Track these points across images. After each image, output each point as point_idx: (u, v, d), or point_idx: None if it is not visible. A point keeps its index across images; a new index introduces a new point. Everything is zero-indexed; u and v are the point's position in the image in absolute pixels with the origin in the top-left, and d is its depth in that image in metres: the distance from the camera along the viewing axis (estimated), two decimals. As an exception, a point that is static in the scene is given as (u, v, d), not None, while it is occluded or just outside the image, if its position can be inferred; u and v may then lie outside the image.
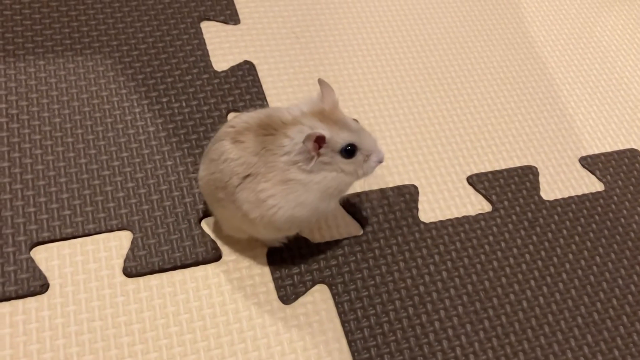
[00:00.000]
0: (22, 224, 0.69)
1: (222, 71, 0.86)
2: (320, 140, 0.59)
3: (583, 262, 0.80)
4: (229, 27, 0.92)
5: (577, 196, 0.86)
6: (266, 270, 0.71)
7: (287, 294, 0.70)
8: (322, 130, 0.60)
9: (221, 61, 0.88)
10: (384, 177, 0.82)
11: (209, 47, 0.88)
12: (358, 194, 0.79)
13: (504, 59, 1.00)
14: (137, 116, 0.80)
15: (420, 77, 0.94)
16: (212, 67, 0.86)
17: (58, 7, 0.87)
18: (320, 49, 0.93)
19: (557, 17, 1.08)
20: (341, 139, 0.61)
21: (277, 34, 0.93)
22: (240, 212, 0.62)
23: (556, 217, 0.84)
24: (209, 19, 0.91)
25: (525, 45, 1.03)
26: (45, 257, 0.68)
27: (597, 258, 0.81)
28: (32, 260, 0.67)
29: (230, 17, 0.92)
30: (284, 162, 0.60)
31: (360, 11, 1.00)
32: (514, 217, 0.82)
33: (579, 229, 0.83)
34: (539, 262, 0.79)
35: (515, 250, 0.79)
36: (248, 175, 0.61)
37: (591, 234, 0.83)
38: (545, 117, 0.94)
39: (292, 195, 0.61)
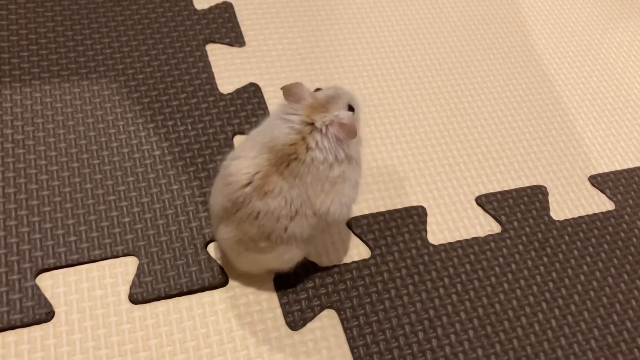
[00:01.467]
0: (27, 250, 0.68)
1: (228, 93, 0.86)
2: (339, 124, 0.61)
3: (595, 284, 0.79)
4: (235, 50, 0.91)
5: (588, 216, 0.85)
6: (273, 295, 0.70)
7: (295, 320, 0.69)
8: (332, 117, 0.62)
9: (227, 83, 0.87)
10: (392, 198, 0.81)
11: (214, 70, 0.88)
12: (366, 216, 0.78)
13: (510, 77, 0.99)
14: (143, 140, 0.79)
15: (426, 97, 0.93)
16: (217, 89, 0.86)
17: (64, 32, 0.88)
18: (326, 70, 0.93)
19: (564, 35, 1.08)
20: (343, 108, 0.64)
21: (282, 56, 0.93)
22: (289, 248, 0.63)
23: (567, 238, 0.83)
24: (214, 42, 0.91)
25: (531, 63, 1.02)
26: (51, 284, 0.67)
27: (610, 279, 0.79)
28: (38, 288, 0.66)
29: (236, 39, 0.92)
30: (325, 167, 0.61)
31: (365, 32, 0.99)
32: (524, 237, 0.81)
33: (591, 249, 0.82)
34: (550, 284, 0.78)
35: (526, 271, 0.78)
36: (297, 211, 0.61)
37: (603, 255, 0.82)
38: (554, 135, 0.94)
39: (347, 189, 0.64)
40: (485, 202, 0.84)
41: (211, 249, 0.72)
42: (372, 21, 1.01)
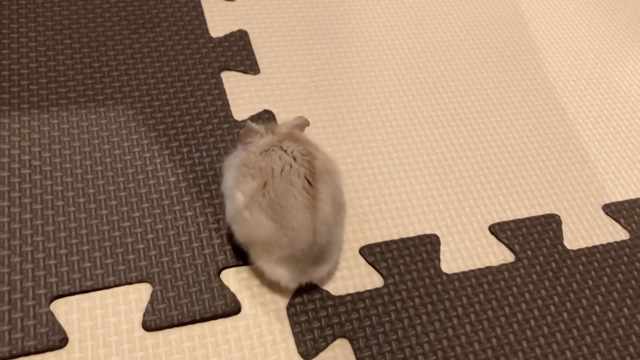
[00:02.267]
0: (42, 276, 0.69)
1: (243, 120, 0.87)
2: None
3: (610, 314, 0.78)
4: (249, 77, 0.92)
5: (602, 245, 0.85)
6: (286, 324, 0.70)
7: (308, 349, 0.68)
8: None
9: (241, 110, 0.88)
10: (405, 226, 0.81)
11: (229, 97, 0.89)
12: (379, 244, 0.78)
13: (522, 105, 1.00)
14: (158, 167, 0.80)
15: (439, 124, 0.94)
16: (232, 116, 0.87)
17: (81, 59, 0.89)
18: (339, 97, 0.94)
19: (576, 62, 1.08)
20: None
21: (296, 83, 0.94)
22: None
23: (581, 267, 0.82)
24: (229, 69, 0.92)
25: (544, 90, 1.03)
26: (65, 310, 0.67)
27: (625, 310, 0.79)
28: (52, 314, 0.67)
29: (250, 67, 0.93)
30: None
31: (378, 59, 1.00)
32: (537, 267, 0.81)
33: (605, 279, 0.81)
34: (565, 314, 0.77)
35: (540, 301, 0.78)
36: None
37: (618, 285, 0.81)
38: (567, 164, 0.93)
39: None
40: (499, 230, 0.83)
41: (224, 276, 0.72)
42: (384, 49, 1.02)
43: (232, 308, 0.70)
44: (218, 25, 0.98)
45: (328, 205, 0.66)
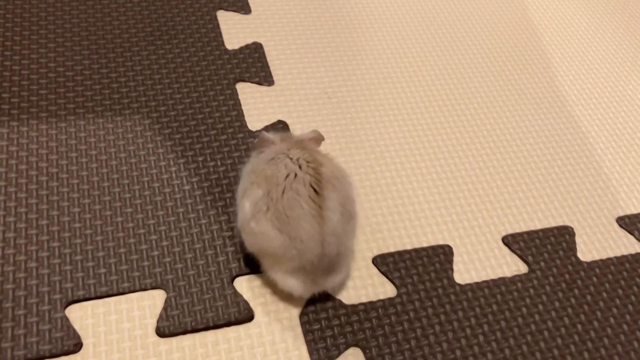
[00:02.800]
0: (58, 282, 0.70)
1: (257, 130, 0.88)
2: None
3: (625, 327, 0.77)
4: (264, 88, 0.94)
5: (616, 257, 0.84)
6: (299, 332, 0.70)
7: (320, 358, 0.68)
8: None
9: (255, 121, 0.89)
10: (418, 236, 0.81)
11: (244, 108, 0.90)
12: (392, 254, 0.78)
13: (536, 117, 1.00)
14: (173, 175, 0.81)
15: (452, 136, 0.94)
16: (246, 126, 0.88)
17: (99, 69, 0.90)
18: (352, 108, 0.94)
19: (589, 74, 1.08)
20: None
21: (309, 94, 0.95)
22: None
23: (595, 279, 0.82)
24: (244, 80, 0.93)
25: (557, 103, 1.03)
26: (80, 315, 0.68)
27: (640, 323, 0.78)
28: (67, 319, 0.67)
29: (265, 78, 0.94)
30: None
31: (390, 70, 1.01)
32: (551, 278, 0.81)
33: (620, 291, 0.81)
34: (579, 326, 0.76)
35: (553, 313, 0.77)
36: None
37: (633, 297, 0.80)
38: (580, 176, 0.93)
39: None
40: (512, 241, 0.83)
41: (237, 283, 0.73)
42: (397, 60, 1.03)
43: (245, 315, 0.70)
44: (233, 37, 0.99)
45: (336, 214, 0.65)
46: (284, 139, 0.72)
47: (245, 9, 1.04)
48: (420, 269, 0.78)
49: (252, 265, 0.73)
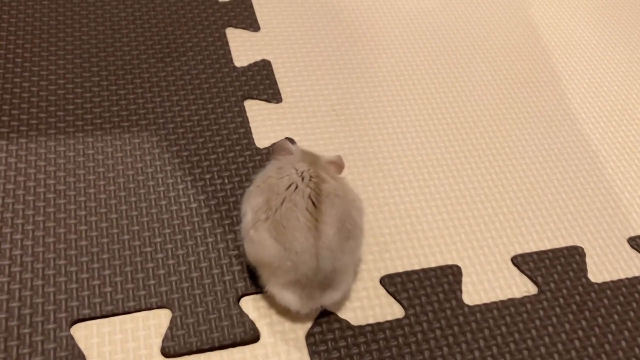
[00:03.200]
0: (63, 300, 0.69)
1: (264, 148, 0.87)
2: None
3: (637, 350, 0.76)
4: (272, 106, 0.93)
5: (628, 279, 0.83)
6: (305, 353, 0.69)
7: (327, 379, 0.68)
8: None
9: (263, 138, 0.89)
10: (427, 256, 0.80)
11: (251, 125, 0.90)
12: (400, 274, 0.78)
13: (545, 135, 0.99)
14: (180, 193, 0.81)
15: (461, 154, 0.94)
16: (254, 144, 0.88)
17: (108, 86, 0.91)
18: (360, 126, 0.94)
19: (599, 94, 1.08)
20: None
21: (317, 112, 0.94)
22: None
23: (606, 301, 0.80)
24: (252, 98, 0.94)
25: (566, 121, 1.02)
26: (85, 334, 0.67)
27: (653, 346, 0.77)
28: (72, 338, 0.67)
29: (273, 95, 0.94)
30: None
31: (399, 88, 1.01)
32: (561, 300, 0.79)
33: (632, 314, 0.79)
34: (590, 349, 0.75)
35: (563, 335, 0.76)
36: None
37: (645, 320, 0.79)
38: (590, 195, 0.92)
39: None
40: (522, 262, 0.82)
41: (243, 303, 0.72)
42: (405, 79, 1.03)
43: (251, 336, 0.69)
44: (242, 55, 1.00)
45: (332, 229, 0.65)
46: (304, 153, 0.73)
47: (254, 27, 1.05)
48: (428, 290, 0.77)
49: (258, 284, 0.73)
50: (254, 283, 0.73)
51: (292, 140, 0.87)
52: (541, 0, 1.24)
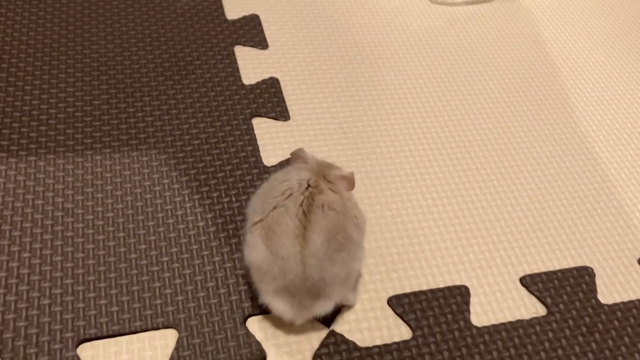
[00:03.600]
0: (70, 319, 0.69)
1: (272, 166, 0.87)
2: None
3: (648, 374, 0.75)
4: (280, 124, 0.94)
5: (638, 300, 0.82)
6: (312, 374, 0.69)
7: (334, 402, 0.67)
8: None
9: (271, 156, 0.89)
10: (434, 277, 0.80)
11: (259, 143, 0.90)
12: (407, 295, 0.77)
13: (553, 154, 0.99)
14: (188, 211, 0.81)
15: (469, 173, 0.93)
16: (262, 162, 0.88)
17: (117, 104, 0.91)
18: (368, 144, 0.94)
19: (607, 112, 1.07)
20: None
21: (325, 130, 0.94)
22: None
23: (616, 323, 0.79)
24: (260, 116, 0.94)
25: (575, 139, 1.01)
26: (91, 354, 0.67)
27: (664, 370, 0.76)
28: (78, 358, 0.67)
29: (281, 113, 0.95)
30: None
31: (407, 106, 1.01)
32: (570, 321, 0.79)
33: (642, 336, 0.78)
34: (600, 372, 0.74)
35: (573, 358, 0.75)
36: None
37: (656, 343, 0.78)
38: (599, 215, 0.92)
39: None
40: (530, 282, 0.82)
41: (250, 323, 0.72)
42: (413, 96, 1.03)
43: (258, 357, 0.69)
44: (250, 72, 1.00)
45: (319, 238, 0.64)
46: (318, 163, 0.73)
47: (262, 45, 1.05)
48: (436, 311, 0.76)
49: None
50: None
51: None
52: (549, 17, 1.24)
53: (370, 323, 0.74)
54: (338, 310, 0.74)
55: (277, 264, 0.64)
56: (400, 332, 0.74)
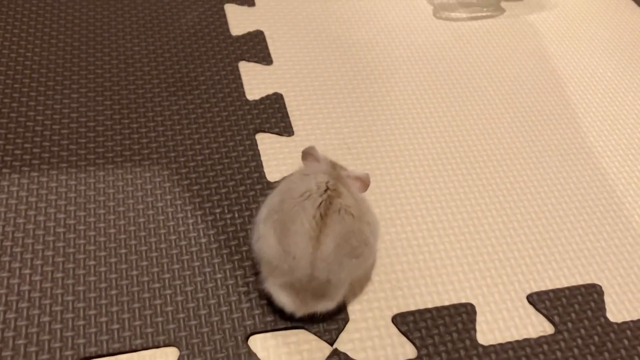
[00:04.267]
0: (70, 337, 0.68)
1: (275, 182, 0.87)
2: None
3: (660, 395, 0.73)
4: (283, 139, 0.93)
5: (648, 319, 0.81)
6: (315, 394, 0.68)
7: (337, 423, 0.66)
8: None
9: (274, 172, 0.88)
10: (440, 294, 0.79)
11: (263, 158, 0.90)
12: (412, 313, 0.76)
13: (560, 170, 0.98)
14: (190, 227, 0.80)
15: (475, 189, 0.92)
16: (265, 177, 0.87)
17: (120, 119, 0.91)
18: (372, 159, 0.93)
19: (615, 128, 1.06)
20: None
21: (329, 145, 0.94)
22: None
23: (626, 342, 0.78)
24: (264, 131, 0.93)
25: (582, 155, 1.00)
26: (91, 373, 0.66)
27: (676, 390, 0.74)
28: (78, 377, 0.66)
29: (285, 129, 0.94)
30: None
31: (411, 122, 1.00)
32: (579, 340, 0.77)
33: (653, 356, 0.77)
34: (610, 393, 0.73)
35: (582, 378, 0.73)
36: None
37: (667, 362, 0.76)
38: (607, 231, 0.90)
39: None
40: (537, 300, 0.80)
41: (252, 342, 0.71)
42: (418, 112, 1.02)
43: (260, 376, 0.68)
44: (254, 88, 1.00)
45: (332, 242, 0.65)
46: (331, 164, 0.74)
47: (267, 60, 1.05)
48: (441, 329, 0.75)
49: (268, 323, 0.71)
50: (264, 321, 0.72)
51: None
52: (555, 32, 1.24)
53: (375, 342, 0.73)
54: (342, 328, 0.73)
55: (287, 262, 0.65)
56: (404, 350, 0.73)
